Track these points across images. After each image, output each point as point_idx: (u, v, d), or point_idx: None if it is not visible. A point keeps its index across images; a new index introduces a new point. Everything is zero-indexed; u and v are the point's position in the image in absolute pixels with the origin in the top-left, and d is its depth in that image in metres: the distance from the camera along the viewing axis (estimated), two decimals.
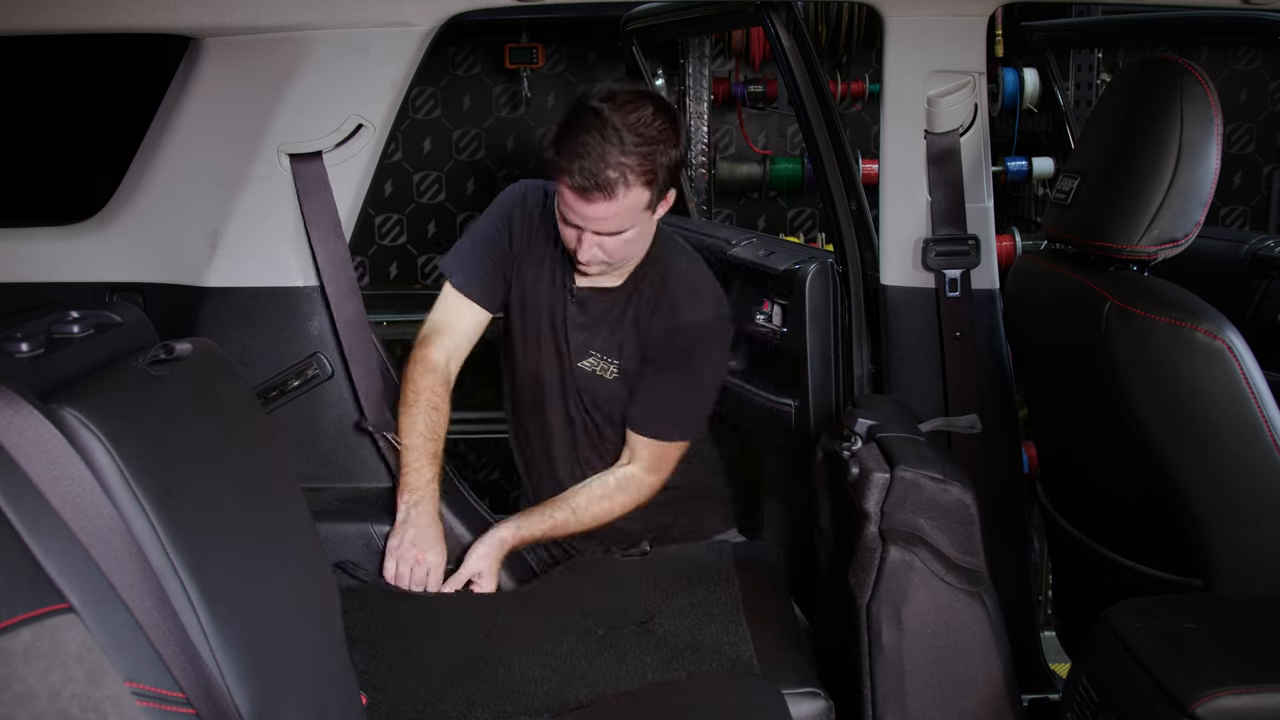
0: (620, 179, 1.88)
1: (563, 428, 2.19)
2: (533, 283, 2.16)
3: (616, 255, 2.01)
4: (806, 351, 2.42)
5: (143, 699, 1.10)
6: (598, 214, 1.91)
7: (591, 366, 2.15)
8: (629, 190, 1.90)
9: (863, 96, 4.34)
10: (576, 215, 1.93)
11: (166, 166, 2.16)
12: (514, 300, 2.18)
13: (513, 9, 2.28)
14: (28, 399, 1.11)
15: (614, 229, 1.95)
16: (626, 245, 2.00)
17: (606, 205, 1.90)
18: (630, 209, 1.93)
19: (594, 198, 1.89)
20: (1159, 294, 1.73)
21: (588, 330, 2.14)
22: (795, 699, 1.70)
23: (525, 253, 2.16)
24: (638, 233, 2.00)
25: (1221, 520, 1.73)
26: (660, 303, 2.11)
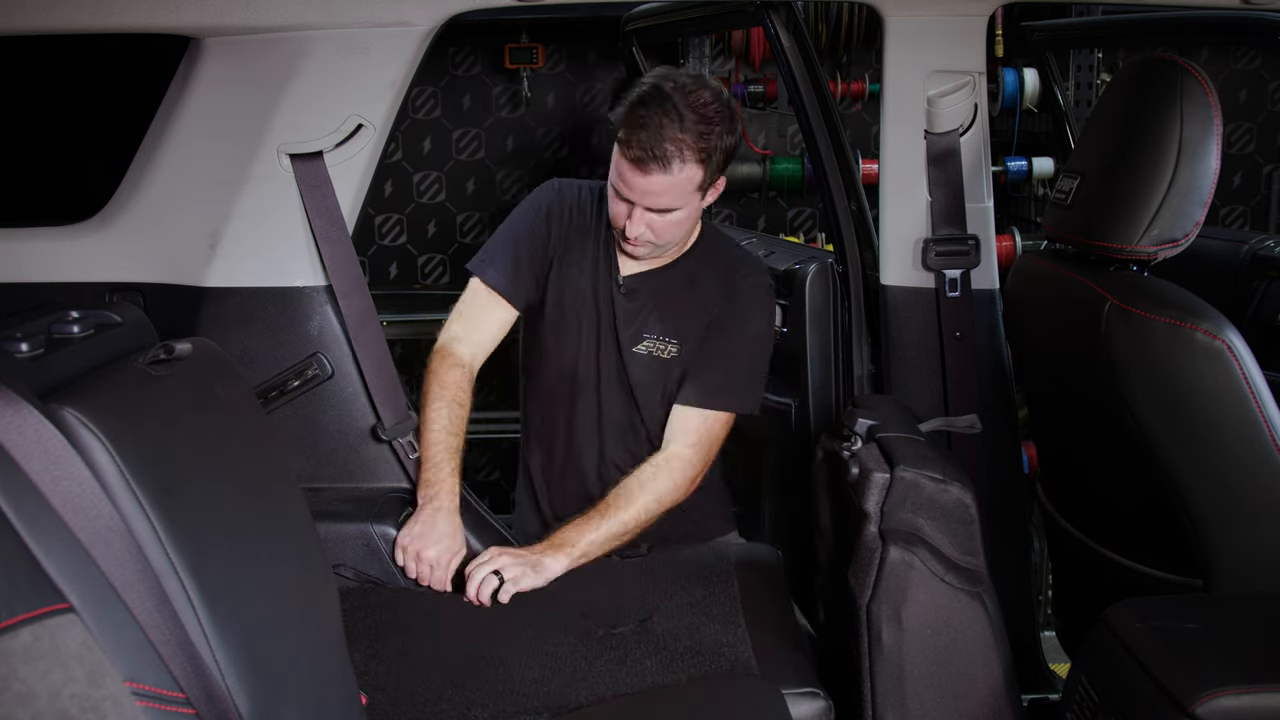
0: (676, 153, 1.93)
1: (591, 424, 2.19)
2: (574, 278, 2.17)
3: (664, 235, 2.04)
4: (806, 351, 2.42)
5: (143, 699, 1.10)
6: (652, 187, 1.96)
7: (649, 349, 2.15)
8: (683, 166, 1.94)
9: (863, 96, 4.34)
10: (630, 188, 1.98)
11: (166, 166, 2.16)
12: (550, 296, 2.18)
13: (513, 9, 2.28)
14: (28, 399, 1.11)
15: (665, 205, 1.98)
16: (674, 226, 2.03)
17: (661, 178, 1.94)
18: (682, 186, 1.97)
19: (650, 169, 1.93)
20: (1159, 294, 1.73)
21: (640, 315, 2.15)
22: (795, 699, 1.70)
23: (564, 249, 2.17)
24: (686, 214, 2.02)
25: (1221, 520, 1.73)
26: (716, 277, 2.15)
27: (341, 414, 2.18)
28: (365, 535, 2.07)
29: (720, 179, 2.05)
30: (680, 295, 2.16)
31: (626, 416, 2.19)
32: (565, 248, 2.17)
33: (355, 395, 2.18)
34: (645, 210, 2.00)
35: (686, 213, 2.03)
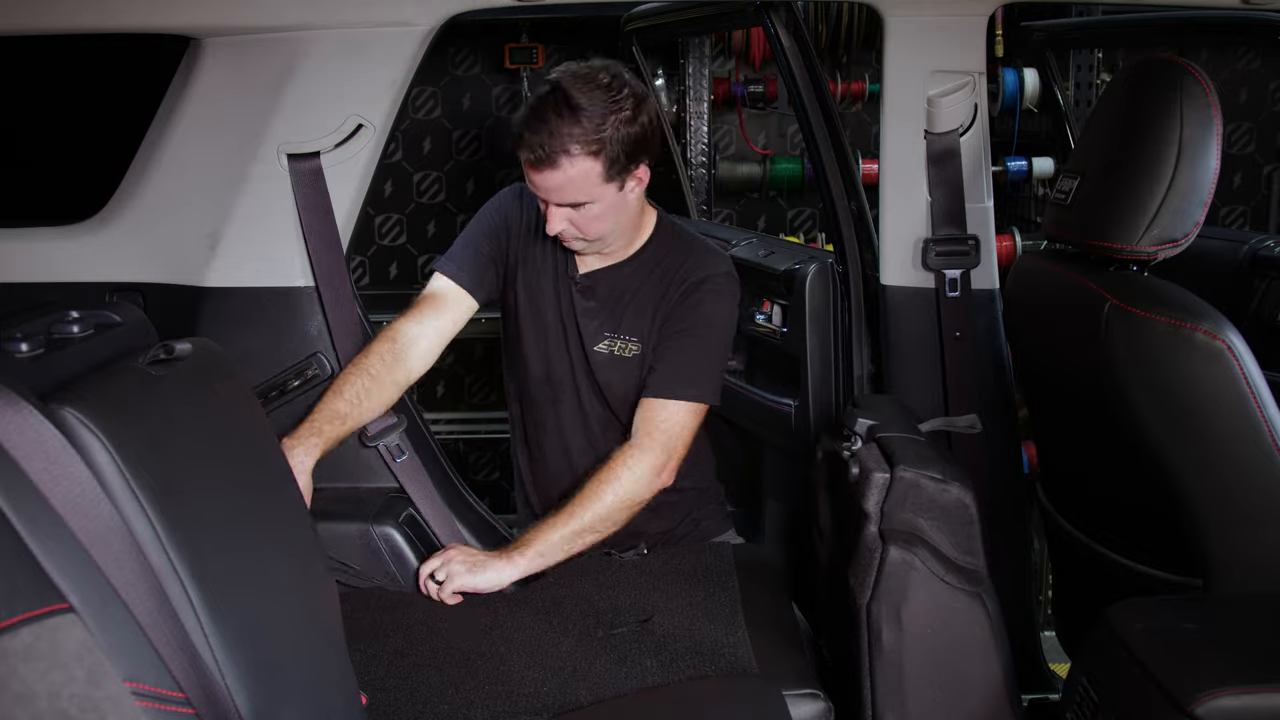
0: (563, 149, 1.90)
1: (577, 422, 2.18)
2: (535, 278, 2.16)
3: (588, 230, 2.01)
4: (806, 351, 2.42)
5: (142, 699, 1.10)
6: (548, 184, 1.95)
7: (609, 348, 2.13)
8: (573, 160, 1.91)
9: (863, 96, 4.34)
10: (534, 185, 1.98)
11: (166, 166, 2.16)
12: (518, 300, 2.17)
13: (513, 9, 2.28)
14: (27, 399, 1.11)
15: (570, 200, 1.96)
16: (594, 220, 2.00)
17: (553, 175, 1.93)
18: (579, 180, 1.93)
19: (541, 168, 1.93)
20: (1159, 294, 1.73)
21: (599, 314, 2.13)
22: (795, 700, 1.69)
23: (524, 250, 2.16)
24: (602, 207, 1.98)
25: (1221, 520, 1.73)
26: (671, 269, 2.12)
27: None
28: (365, 535, 2.07)
29: (639, 167, 1.99)
30: (636, 292, 2.13)
31: (602, 412, 2.17)
32: (527, 249, 2.16)
33: None
34: (557, 207, 1.98)
35: (603, 206, 1.98)
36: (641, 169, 2.01)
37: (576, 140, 1.90)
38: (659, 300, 2.12)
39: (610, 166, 1.94)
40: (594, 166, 1.93)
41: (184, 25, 2.09)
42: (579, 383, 2.16)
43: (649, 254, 2.15)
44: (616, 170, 1.96)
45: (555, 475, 2.22)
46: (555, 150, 1.90)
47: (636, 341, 2.13)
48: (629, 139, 1.94)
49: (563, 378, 2.17)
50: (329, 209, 2.12)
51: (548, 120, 1.90)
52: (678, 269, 2.12)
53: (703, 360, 2.09)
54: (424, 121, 4.42)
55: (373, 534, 2.07)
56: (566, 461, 2.20)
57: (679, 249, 2.15)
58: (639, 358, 2.13)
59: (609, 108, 1.92)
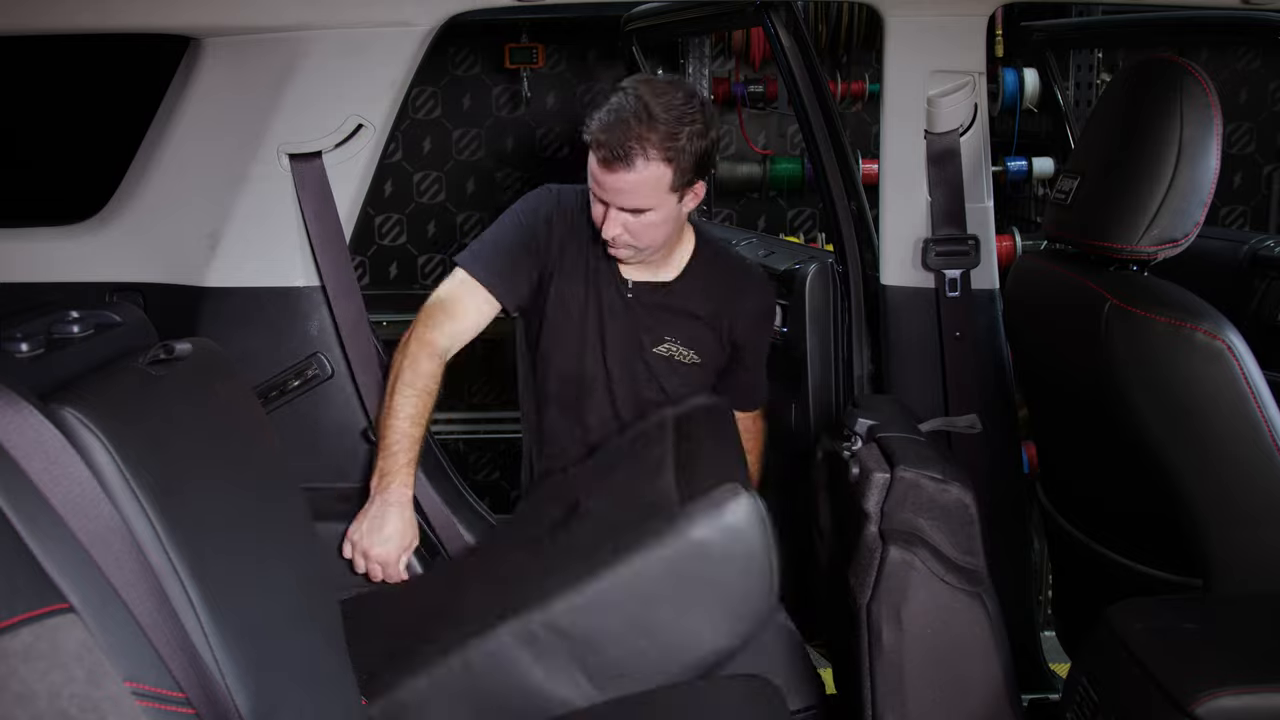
0: (640, 151, 1.94)
1: (605, 422, 2.18)
2: (577, 283, 2.16)
3: (641, 237, 2.04)
4: (806, 351, 2.42)
5: (142, 699, 1.10)
6: (618, 185, 1.97)
7: (669, 351, 2.18)
8: (648, 163, 1.95)
9: (863, 96, 4.34)
10: (600, 187, 2.00)
11: (166, 166, 2.16)
12: (550, 302, 2.16)
13: (513, 9, 2.28)
14: (27, 399, 1.11)
15: (634, 205, 1.99)
16: (650, 228, 2.03)
17: (626, 175, 1.95)
18: (649, 185, 1.97)
19: (615, 167, 1.95)
20: (1159, 294, 1.73)
21: (658, 320, 2.17)
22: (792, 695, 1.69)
23: (560, 254, 2.17)
24: (661, 216, 2.02)
25: (1221, 520, 1.73)
26: (725, 296, 2.20)
27: (341, 414, 2.18)
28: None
29: (698, 183, 2.05)
30: (689, 312, 2.18)
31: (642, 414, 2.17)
32: (563, 255, 2.17)
33: (353, 396, 2.18)
34: (619, 210, 2.00)
35: (661, 215, 2.02)
36: (700, 185, 2.06)
37: (654, 145, 1.94)
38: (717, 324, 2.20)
39: (679, 176, 1.99)
40: (665, 174, 1.97)
41: (184, 25, 2.09)
42: (615, 384, 2.17)
43: (698, 272, 2.20)
44: (683, 181, 2.00)
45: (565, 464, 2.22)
46: (633, 152, 1.94)
47: (695, 354, 2.19)
48: (699, 152, 1.99)
49: (595, 379, 2.17)
50: (333, 208, 2.12)
51: (627, 122, 1.94)
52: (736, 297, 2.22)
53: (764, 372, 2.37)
54: (424, 121, 4.42)
55: None
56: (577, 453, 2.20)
57: (728, 272, 2.24)
58: (699, 367, 2.19)
59: (686, 118, 1.97)
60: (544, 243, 2.16)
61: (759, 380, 2.34)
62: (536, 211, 2.18)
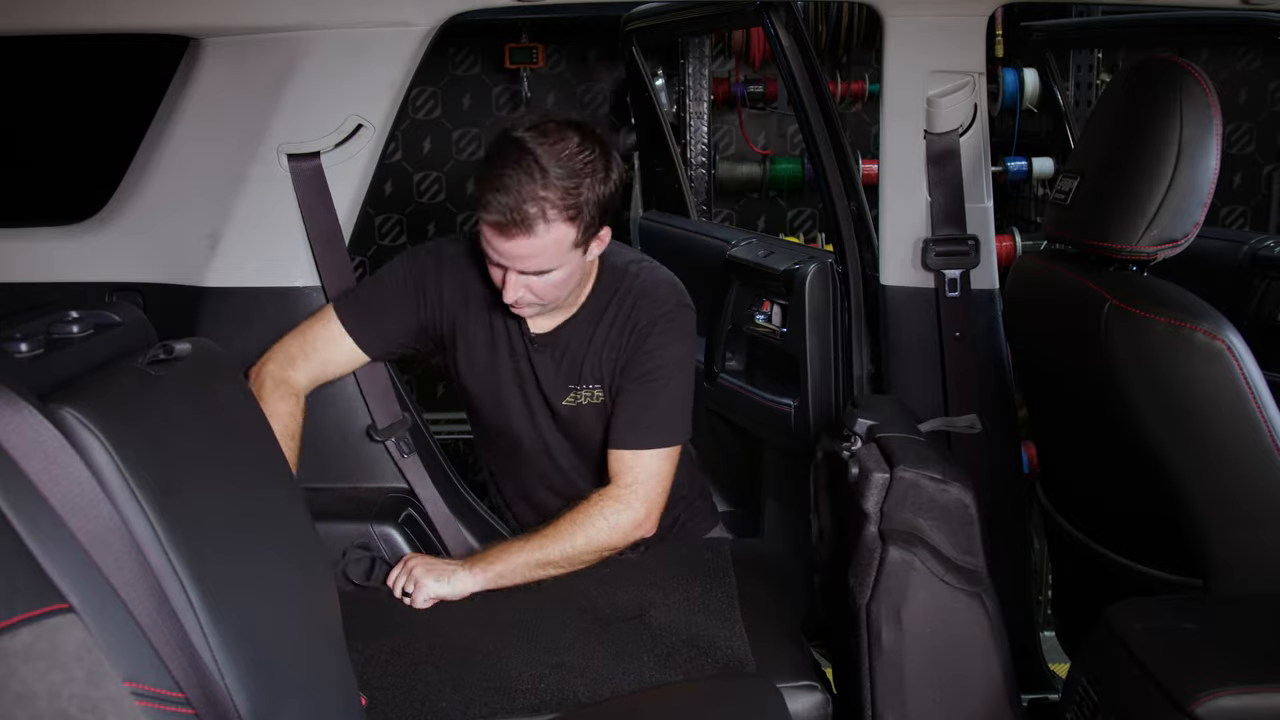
0: (540, 214, 1.79)
1: (544, 469, 2.14)
2: (478, 345, 2.06)
3: (546, 296, 1.91)
4: (806, 351, 2.42)
5: (142, 699, 1.10)
6: (518, 251, 1.82)
7: (575, 400, 2.06)
8: (549, 226, 1.80)
9: (863, 96, 4.34)
10: (497, 252, 1.84)
11: (166, 166, 2.16)
12: (460, 367, 2.09)
13: (513, 9, 2.28)
14: (27, 399, 1.11)
15: (537, 268, 1.85)
16: (555, 287, 1.89)
17: (527, 242, 1.80)
18: (553, 247, 1.82)
19: (512, 234, 1.80)
20: (1158, 294, 1.73)
21: (559, 369, 2.05)
22: (792, 693, 1.70)
23: (458, 319, 2.05)
24: (566, 274, 1.88)
25: (1221, 520, 1.73)
26: (621, 309, 2.02)
27: (341, 414, 2.18)
28: (365, 535, 2.07)
29: (603, 230, 1.90)
30: (590, 340, 2.04)
31: (570, 459, 2.13)
32: (461, 318, 2.05)
33: (355, 396, 2.18)
34: (519, 274, 1.86)
35: (566, 272, 1.88)
36: (605, 231, 1.92)
37: (553, 205, 1.79)
38: (616, 345, 2.02)
39: (583, 232, 1.84)
40: (569, 233, 1.82)
41: (184, 25, 2.09)
42: (545, 437, 2.10)
43: (599, 299, 2.04)
44: (587, 236, 1.86)
45: (521, 512, 2.21)
46: (532, 216, 1.78)
47: (599, 387, 2.05)
48: (602, 200, 1.84)
49: (523, 433, 2.11)
50: (331, 209, 2.12)
51: (519, 183, 1.77)
52: (630, 313, 2.01)
53: (668, 404, 2.01)
54: (424, 121, 4.43)
55: (373, 534, 2.07)
56: (529, 502, 2.18)
57: (624, 289, 2.03)
58: (605, 403, 2.06)
59: (583, 169, 1.81)
60: (429, 312, 2.05)
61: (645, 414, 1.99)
62: (418, 282, 2.05)
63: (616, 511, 1.97)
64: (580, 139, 1.82)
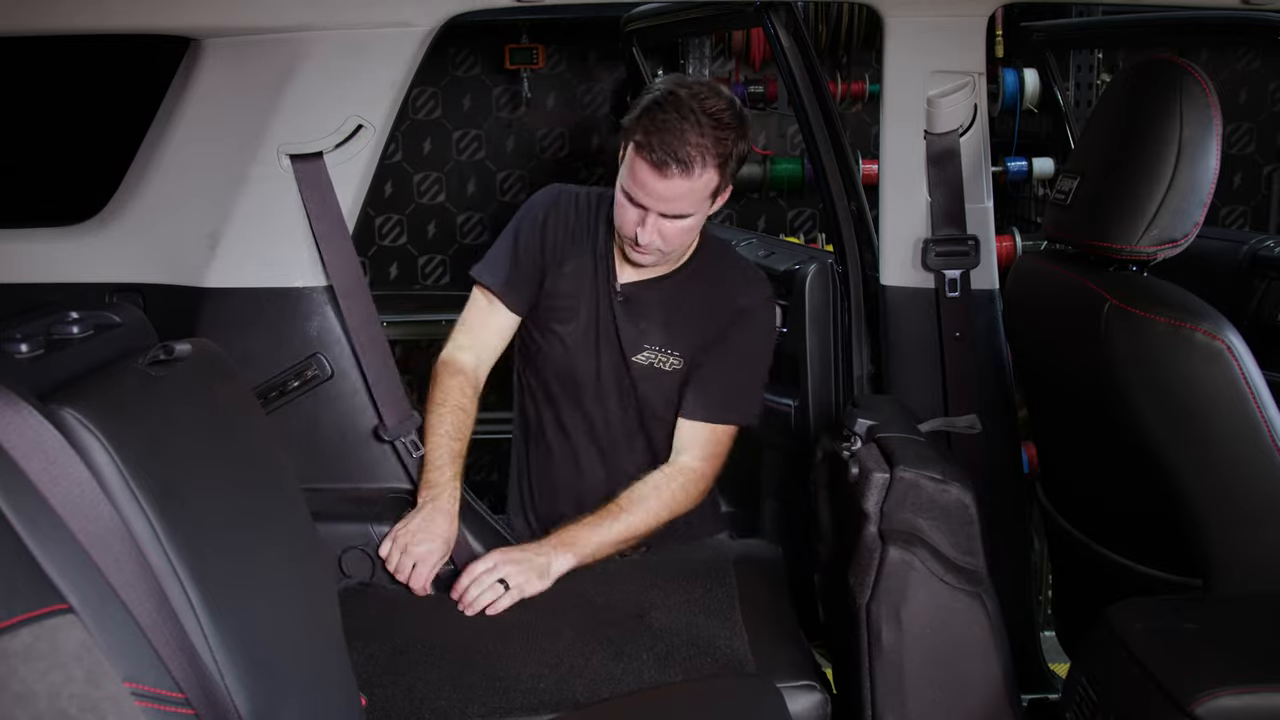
0: (699, 158, 1.92)
1: (596, 426, 2.18)
2: (570, 283, 2.16)
3: (673, 242, 2.03)
4: (806, 351, 2.42)
5: (142, 699, 1.10)
6: (670, 193, 1.94)
7: (649, 360, 2.14)
8: (704, 170, 1.93)
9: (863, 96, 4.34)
10: (648, 193, 1.95)
11: (166, 167, 2.16)
12: (546, 302, 2.17)
13: (513, 9, 2.28)
14: (27, 399, 1.11)
15: (680, 210, 1.97)
16: (684, 233, 2.02)
17: (681, 182, 1.93)
18: (699, 191, 1.96)
19: (670, 173, 1.92)
20: (1158, 294, 1.73)
21: (639, 324, 2.14)
22: (792, 693, 1.70)
23: (559, 255, 2.17)
24: (697, 220, 2.02)
25: (1221, 520, 1.73)
26: (716, 291, 2.15)
27: (341, 414, 2.18)
28: (365, 535, 2.07)
29: (729, 187, 2.04)
30: (680, 308, 2.15)
31: (624, 421, 2.18)
32: (561, 254, 2.17)
33: (355, 396, 2.18)
34: (659, 216, 1.98)
35: (697, 219, 2.02)
36: (729, 188, 2.04)
37: (710, 151, 1.93)
38: (704, 320, 2.14)
39: (723, 182, 1.99)
40: (714, 180, 1.96)
41: (184, 26, 2.09)
42: (603, 388, 2.17)
43: (691, 269, 2.17)
44: (723, 185, 1.99)
45: (561, 474, 2.22)
46: (692, 159, 1.91)
47: (678, 356, 2.14)
48: (741, 156, 1.99)
49: (585, 382, 2.17)
50: (337, 208, 2.12)
51: (684, 129, 1.91)
52: (724, 292, 2.15)
53: (749, 384, 2.17)
54: (424, 121, 4.42)
55: (373, 534, 2.07)
56: (573, 462, 2.21)
57: (723, 269, 2.18)
58: (679, 372, 2.15)
59: (733, 123, 1.96)
60: (539, 245, 2.17)
61: (727, 390, 2.14)
62: (534, 215, 2.19)
63: (692, 480, 2.11)
64: (726, 100, 1.97)
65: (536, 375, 2.23)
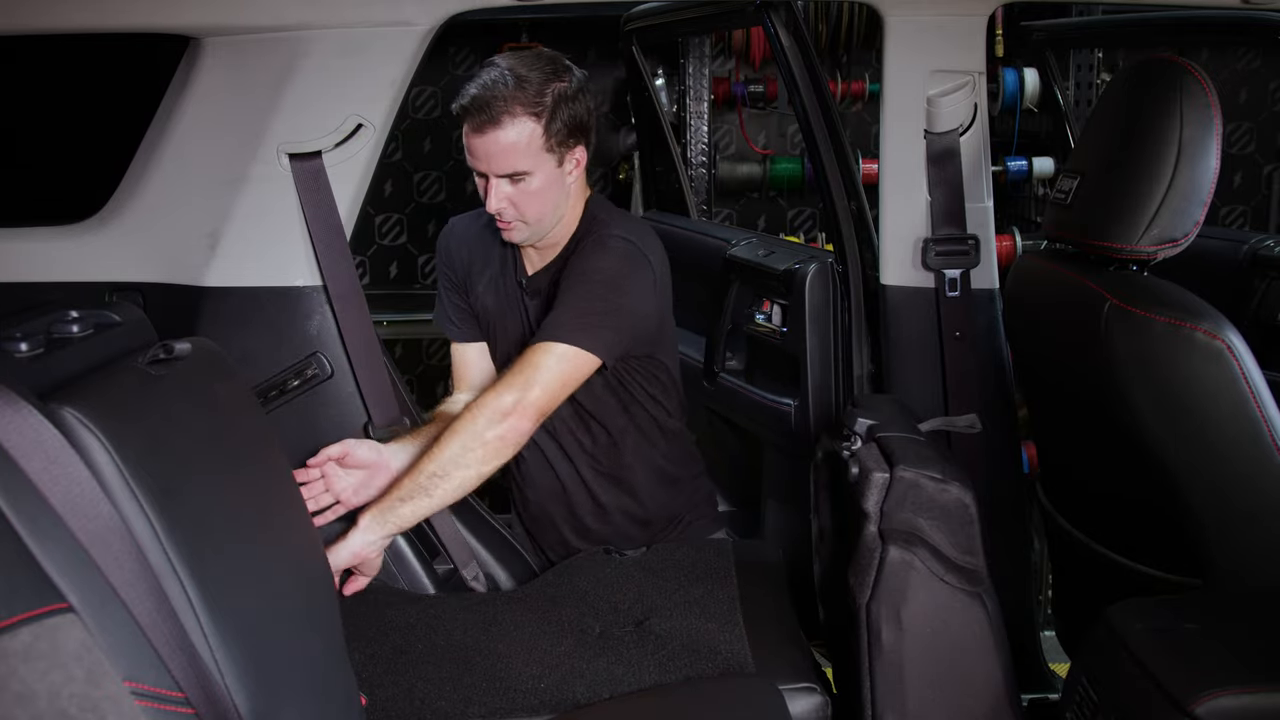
0: (505, 109, 1.93)
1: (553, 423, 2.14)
2: (488, 294, 2.20)
3: (527, 209, 2.00)
4: (806, 351, 2.42)
5: (142, 699, 1.10)
6: (489, 148, 1.95)
7: None
8: (514, 120, 1.93)
9: (863, 96, 4.34)
10: (477, 157, 1.98)
11: (166, 166, 2.16)
12: (480, 320, 2.23)
13: (513, 9, 2.28)
14: (27, 399, 1.11)
15: (510, 168, 1.96)
16: (532, 197, 1.99)
17: (495, 134, 1.94)
18: (522, 144, 1.95)
19: (484, 128, 1.94)
20: (1158, 294, 1.73)
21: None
22: (792, 695, 1.70)
23: (470, 275, 2.21)
24: (543, 183, 1.99)
25: (1221, 520, 1.73)
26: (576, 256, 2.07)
27: (341, 414, 2.18)
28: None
29: (578, 148, 2.02)
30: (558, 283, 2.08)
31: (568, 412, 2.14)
32: (471, 273, 2.21)
33: (355, 395, 2.17)
34: (499, 180, 1.98)
35: (542, 180, 1.98)
36: (580, 150, 2.03)
37: (519, 102, 1.94)
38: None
39: (550, 134, 1.96)
40: (535, 129, 1.95)
41: (184, 25, 2.09)
42: None
43: (578, 247, 2.10)
44: (557, 140, 1.97)
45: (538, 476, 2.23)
46: (499, 111, 1.93)
47: None
48: (569, 112, 1.97)
49: None
50: (333, 208, 2.12)
51: (492, 87, 1.94)
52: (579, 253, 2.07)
53: (582, 307, 1.98)
54: (424, 121, 4.42)
55: None
56: (544, 462, 2.21)
57: (599, 229, 2.09)
58: None
59: (551, 78, 1.96)
60: (452, 277, 2.24)
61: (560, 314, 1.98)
62: (442, 249, 2.26)
63: (487, 399, 1.92)
64: (549, 60, 2.00)
65: None
